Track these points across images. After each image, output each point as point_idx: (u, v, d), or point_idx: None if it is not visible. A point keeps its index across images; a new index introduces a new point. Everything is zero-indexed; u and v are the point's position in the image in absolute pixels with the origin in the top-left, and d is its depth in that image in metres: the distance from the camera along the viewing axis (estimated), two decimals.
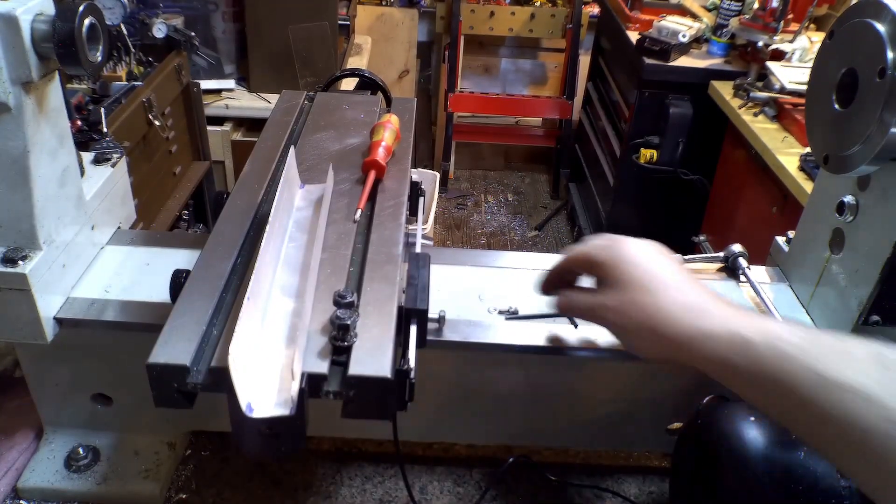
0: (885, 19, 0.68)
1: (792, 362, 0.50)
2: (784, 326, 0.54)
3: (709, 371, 0.57)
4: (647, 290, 0.62)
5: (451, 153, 3.83)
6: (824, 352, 0.49)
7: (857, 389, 0.47)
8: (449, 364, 0.85)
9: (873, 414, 0.46)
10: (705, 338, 0.56)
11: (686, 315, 0.58)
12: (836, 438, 0.49)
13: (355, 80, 1.15)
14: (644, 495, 0.93)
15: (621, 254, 0.65)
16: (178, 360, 0.58)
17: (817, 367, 0.49)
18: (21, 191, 0.71)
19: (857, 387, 0.47)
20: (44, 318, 0.75)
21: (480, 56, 3.91)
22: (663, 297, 0.60)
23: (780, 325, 0.55)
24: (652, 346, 0.62)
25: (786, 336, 0.52)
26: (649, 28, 2.54)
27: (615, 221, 2.84)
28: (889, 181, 0.74)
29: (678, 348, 0.59)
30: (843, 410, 0.47)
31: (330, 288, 0.65)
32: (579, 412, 0.91)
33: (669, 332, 0.59)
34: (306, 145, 0.91)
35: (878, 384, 0.47)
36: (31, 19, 0.65)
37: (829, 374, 0.48)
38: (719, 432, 0.72)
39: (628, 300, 0.63)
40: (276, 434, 0.54)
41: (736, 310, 0.58)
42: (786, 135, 2.03)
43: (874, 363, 0.48)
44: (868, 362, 0.48)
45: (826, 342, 0.50)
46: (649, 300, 0.61)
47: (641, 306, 0.61)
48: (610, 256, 0.65)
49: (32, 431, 0.93)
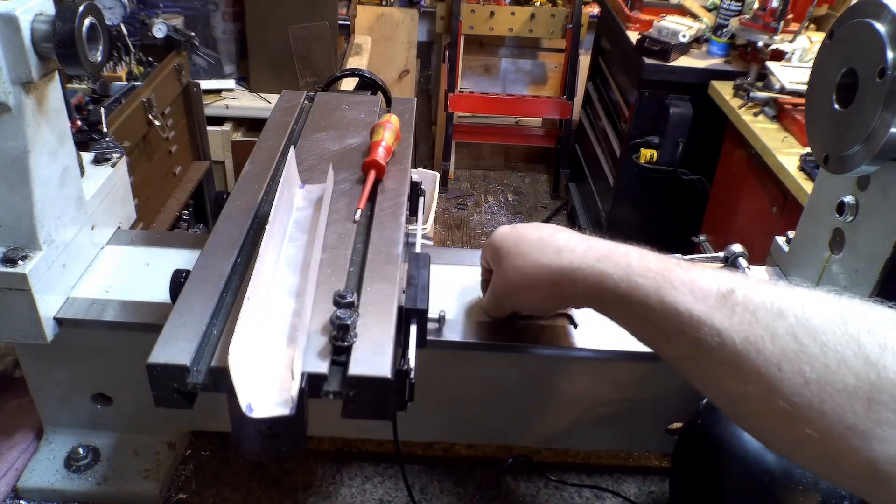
0: (885, 19, 0.68)
1: (640, 290, 0.58)
2: (639, 260, 0.60)
3: (583, 303, 0.66)
4: (518, 253, 0.69)
5: (451, 153, 3.84)
6: (673, 284, 0.56)
7: (689, 313, 0.54)
8: (449, 364, 0.85)
9: (697, 330, 0.53)
10: (572, 271, 0.63)
11: (554, 256, 0.65)
12: (668, 337, 0.57)
13: (355, 80, 1.15)
14: (644, 495, 0.93)
15: (494, 238, 0.73)
16: (178, 360, 0.58)
17: (663, 296, 0.56)
18: (21, 191, 0.71)
19: (688, 311, 0.54)
20: (44, 318, 0.75)
21: (480, 56, 3.91)
22: (533, 251, 0.67)
23: (637, 258, 0.60)
24: (535, 296, 0.69)
25: (638, 269, 0.59)
26: (649, 28, 2.54)
27: (615, 221, 2.84)
28: (889, 181, 0.74)
29: (554, 288, 0.66)
30: (674, 325, 0.55)
31: (330, 288, 0.65)
32: (579, 412, 0.91)
33: (542, 276, 0.66)
34: (306, 145, 0.91)
35: (710, 310, 0.53)
36: (31, 19, 0.65)
37: (668, 300, 0.56)
38: (719, 432, 0.72)
39: (506, 269, 0.70)
40: (276, 434, 0.54)
41: (599, 247, 0.64)
42: (786, 135, 2.03)
43: (716, 296, 0.54)
44: (710, 294, 0.54)
45: (676, 275, 0.57)
46: (520, 260, 0.68)
47: (517, 268, 0.69)
48: (489, 244, 0.74)
49: (32, 431, 0.93)
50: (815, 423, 0.47)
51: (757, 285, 0.54)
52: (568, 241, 0.66)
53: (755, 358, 0.50)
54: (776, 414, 0.49)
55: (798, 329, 0.49)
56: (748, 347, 0.51)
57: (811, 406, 0.47)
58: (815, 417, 0.47)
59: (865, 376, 0.46)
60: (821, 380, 0.47)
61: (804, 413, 0.48)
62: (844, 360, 0.47)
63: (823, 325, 0.49)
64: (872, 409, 0.45)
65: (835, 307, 0.50)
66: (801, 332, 0.49)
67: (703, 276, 0.56)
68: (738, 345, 0.51)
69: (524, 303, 0.73)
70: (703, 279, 0.56)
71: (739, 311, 0.52)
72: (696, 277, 0.56)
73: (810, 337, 0.48)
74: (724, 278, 0.55)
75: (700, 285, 0.55)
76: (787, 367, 0.48)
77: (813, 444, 0.48)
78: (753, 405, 0.51)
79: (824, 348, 0.48)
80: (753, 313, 0.51)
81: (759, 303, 0.52)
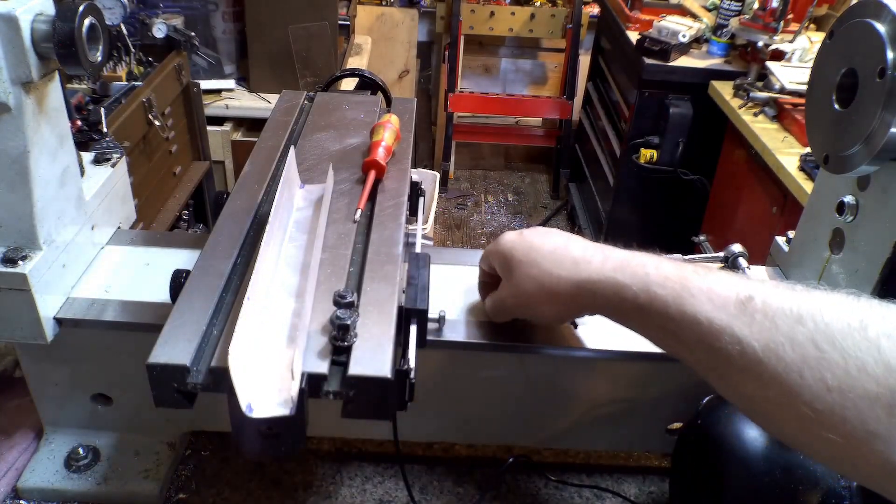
0: (885, 19, 0.68)
1: (659, 300, 0.57)
2: (656, 270, 0.59)
3: (600, 312, 0.65)
4: (531, 262, 0.67)
5: (451, 153, 3.83)
6: (692, 292, 0.56)
7: (709, 322, 0.54)
8: (449, 364, 0.85)
9: (717, 338, 0.54)
10: (592, 284, 0.63)
11: (571, 268, 0.64)
12: (688, 346, 0.57)
13: (355, 80, 1.15)
14: (644, 495, 0.93)
15: (503, 245, 0.71)
16: (178, 360, 0.58)
17: (682, 305, 0.56)
18: (21, 191, 0.71)
19: (708, 320, 0.54)
20: (44, 318, 0.75)
21: (480, 56, 3.91)
22: (548, 262, 0.66)
23: (654, 267, 0.60)
24: (552, 307, 0.68)
25: (655, 278, 0.58)
26: (649, 28, 2.54)
27: (615, 221, 2.84)
28: (889, 181, 0.74)
29: (572, 300, 0.65)
30: (694, 334, 0.55)
31: (330, 288, 0.65)
32: (579, 412, 0.91)
33: (561, 288, 0.65)
34: (306, 145, 0.91)
35: (729, 318, 0.53)
36: (31, 19, 0.65)
37: (687, 310, 0.56)
38: (719, 432, 0.72)
39: (519, 279, 0.68)
40: (276, 434, 0.54)
41: (616, 258, 0.63)
42: (786, 135, 2.03)
43: (735, 304, 0.54)
44: (729, 302, 0.54)
45: (694, 283, 0.57)
46: (534, 270, 0.67)
47: (532, 278, 0.67)
48: (496, 251, 0.72)
49: (32, 431, 0.93)
50: (837, 429, 0.48)
51: (775, 290, 0.54)
52: (584, 252, 0.65)
53: (776, 365, 0.50)
54: (798, 418, 0.50)
55: (817, 335, 0.49)
56: (769, 355, 0.51)
57: (833, 412, 0.48)
58: (837, 423, 0.48)
59: (886, 382, 0.46)
60: (842, 386, 0.47)
61: (826, 419, 0.48)
62: (865, 367, 0.47)
63: (843, 330, 0.49)
64: (894, 414, 0.46)
65: (854, 311, 0.50)
66: (821, 337, 0.49)
67: (721, 282, 0.56)
68: (759, 352, 0.51)
69: (539, 312, 0.71)
70: (721, 286, 0.55)
71: (759, 318, 0.52)
72: (714, 285, 0.56)
73: (830, 343, 0.49)
74: (742, 285, 0.55)
75: (718, 293, 0.55)
76: (809, 374, 0.49)
77: (834, 446, 0.48)
78: (775, 410, 0.52)
79: (844, 354, 0.48)
80: (773, 320, 0.51)
81: (777, 308, 0.52)
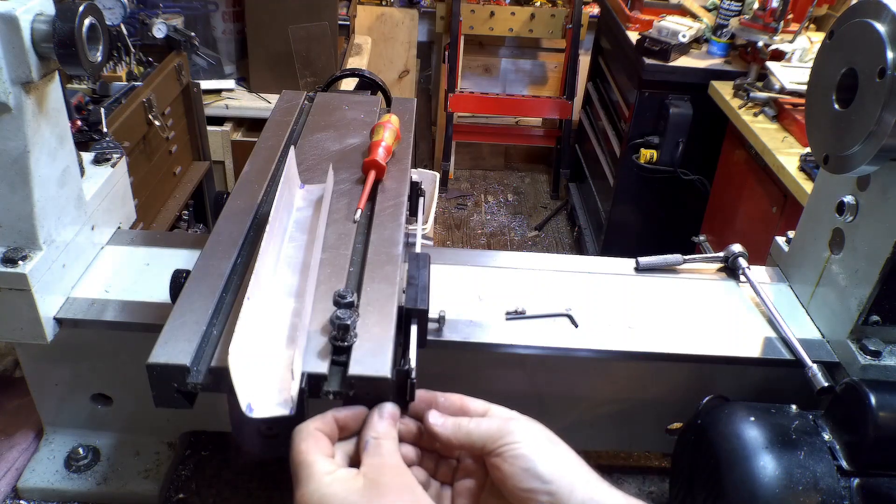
0: (885, 19, 0.68)
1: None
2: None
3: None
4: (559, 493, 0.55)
5: (451, 153, 3.84)
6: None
7: None
8: (449, 364, 0.85)
9: None
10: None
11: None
12: None
13: (355, 80, 1.15)
14: (644, 495, 0.93)
15: (525, 464, 0.57)
16: (178, 360, 0.58)
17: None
18: (21, 191, 0.71)
19: None
20: (44, 318, 0.75)
21: (480, 56, 3.91)
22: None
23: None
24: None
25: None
26: (649, 28, 2.54)
27: (615, 221, 2.84)
28: (889, 181, 0.74)
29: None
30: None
31: (330, 288, 0.65)
32: (579, 412, 0.91)
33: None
34: (306, 145, 0.91)
35: None
36: (31, 19, 0.65)
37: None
38: (719, 432, 0.72)
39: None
40: (276, 434, 0.54)
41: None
42: (786, 135, 2.03)
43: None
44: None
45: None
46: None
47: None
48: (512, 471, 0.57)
49: (32, 431, 0.93)
50: None
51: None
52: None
53: None
54: None
55: None
56: None
57: None
58: None
59: None
60: None
61: None
62: None
63: None
64: None
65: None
66: None
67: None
68: None
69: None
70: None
71: None
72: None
73: None
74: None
75: None
76: None
77: None
78: None
79: None
80: None
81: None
